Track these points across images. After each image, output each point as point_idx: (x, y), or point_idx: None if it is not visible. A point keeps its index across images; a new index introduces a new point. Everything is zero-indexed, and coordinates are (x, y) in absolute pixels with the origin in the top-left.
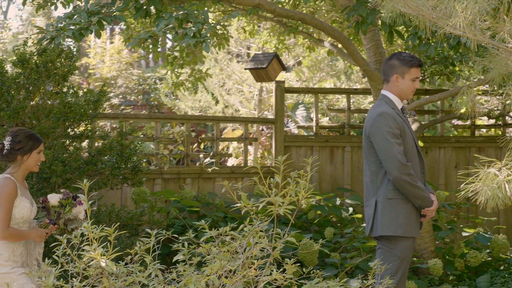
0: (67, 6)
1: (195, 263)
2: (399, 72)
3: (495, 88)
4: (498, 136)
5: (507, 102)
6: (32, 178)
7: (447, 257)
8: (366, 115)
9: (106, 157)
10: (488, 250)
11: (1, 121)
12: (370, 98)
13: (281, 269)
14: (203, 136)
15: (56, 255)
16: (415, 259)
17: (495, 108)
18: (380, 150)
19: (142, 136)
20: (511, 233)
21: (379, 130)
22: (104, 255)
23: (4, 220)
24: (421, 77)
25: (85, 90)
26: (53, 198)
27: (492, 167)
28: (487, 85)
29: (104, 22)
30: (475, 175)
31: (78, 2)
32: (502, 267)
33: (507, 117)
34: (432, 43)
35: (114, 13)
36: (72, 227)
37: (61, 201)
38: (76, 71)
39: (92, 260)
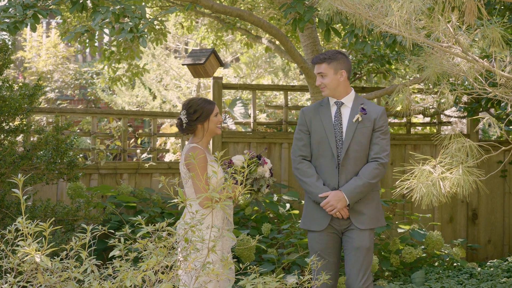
0: None
1: (132, 259)
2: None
3: (430, 86)
4: (433, 134)
5: (442, 100)
6: None
7: (382, 253)
8: None
9: (41, 152)
10: (423, 247)
11: None
12: (307, 95)
13: (218, 265)
14: (140, 131)
15: None
16: None
17: (430, 106)
18: None
19: (78, 131)
20: (445, 229)
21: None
22: (39, 251)
23: (203, 188)
24: (358, 75)
25: (20, 84)
26: (238, 160)
27: (427, 165)
28: (422, 84)
29: (40, 16)
30: (411, 172)
31: None
32: (436, 263)
33: (442, 116)
34: (369, 41)
35: (50, 7)
36: (258, 186)
37: (246, 162)
38: (11, 65)
39: (26, 256)
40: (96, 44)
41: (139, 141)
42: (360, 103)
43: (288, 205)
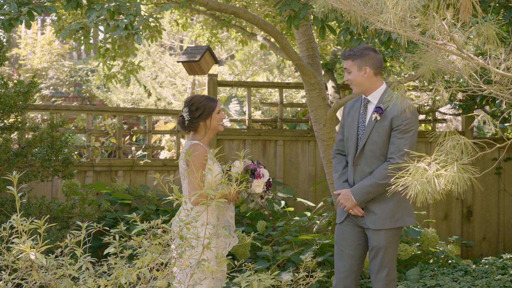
0: None
1: (127, 256)
2: None
3: (425, 84)
4: (428, 131)
5: (437, 98)
6: None
7: None
8: (298, 109)
9: (36, 149)
10: (417, 244)
11: None
12: (302, 92)
13: (214, 262)
14: (135, 128)
15: None
16: None
17: (425, 104)
18: None
19: (73, 128)
20: (440, 226)
21: None
22: (34, 248)
23: (199, 186)
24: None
25: (15, 81)
26: (235, 168)
27: (422, 162)
28: (417, 81)
29: (35, 13)
30: (405, 170)
31: None
32: (431, 260)
33: (437, 113)
34: (364, 39)
35: (45, 4)
36: (250, 200)
37: (239, 175)
38: (6, 62)
39: (21, 253)
40: (91, 41)
41: (134, 138)
42: (386, 100)
43: (283, 202)
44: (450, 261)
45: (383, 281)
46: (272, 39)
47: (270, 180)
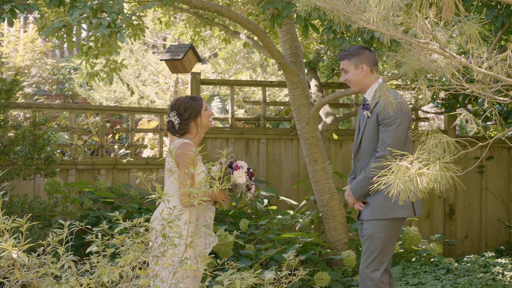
0: None
1: (109, 255)
2: None
3: (408, 82)
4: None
5: (419, 96)
6: None
7: (360, 248)
8: (281, 107)
9: (18, 147)
10: (400, 242)
11: None
12: (285, 91)
13: (196, 260)
14: (118, 127)
15: None
16: (328, 250)
17: (408, 102)
18: None
19: (56, 126)
20: (422, 225)
21: None
22: (15, 246)
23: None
24: (336, 71)
25: None
26: (215, 167)
27: (404, 160)
28: (400, 80)
29: (17, 11)
30: (388, 168)
31: None
32: (413, 259)
33: (419, 112)
34: (347, 37)
35: (28, 1)
36: (237, 192)
37: (218, 173)
38: None
39: (3, 252)
40: (74, 39)
41: (117, 137)
42: (377, 97)
43: (266, 201)
44: (432, 260)
45: (366, 270)
46: (256, 38)
47: (251, 170)
